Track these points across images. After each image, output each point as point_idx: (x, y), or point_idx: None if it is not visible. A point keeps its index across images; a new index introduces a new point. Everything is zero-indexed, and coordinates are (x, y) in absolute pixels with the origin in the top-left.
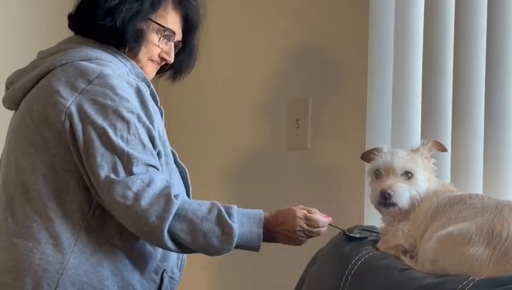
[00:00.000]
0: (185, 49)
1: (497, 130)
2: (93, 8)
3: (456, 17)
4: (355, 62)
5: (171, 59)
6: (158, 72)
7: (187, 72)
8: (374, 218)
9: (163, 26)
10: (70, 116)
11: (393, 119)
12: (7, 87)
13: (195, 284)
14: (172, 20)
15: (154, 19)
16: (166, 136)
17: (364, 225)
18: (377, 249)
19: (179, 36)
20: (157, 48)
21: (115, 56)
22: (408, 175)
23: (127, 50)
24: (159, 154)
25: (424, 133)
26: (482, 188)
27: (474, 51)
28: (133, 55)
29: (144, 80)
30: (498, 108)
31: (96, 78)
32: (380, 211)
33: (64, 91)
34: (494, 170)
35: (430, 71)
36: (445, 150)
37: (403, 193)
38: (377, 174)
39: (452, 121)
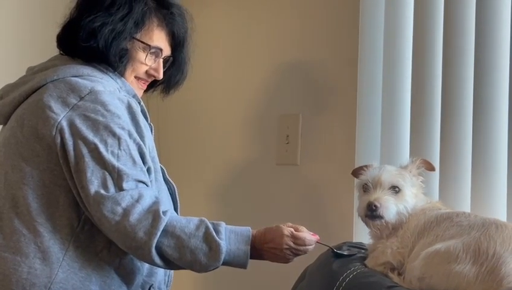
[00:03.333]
0: (175, 64)
1: (485, 148)
2: (77, 30)
3: (444, 39)
4: (345, 79)
5: (159, 75)
6: (150, 88)
7: (178, 86)
8: (362, 234)
9: (148, 45)
10: (61, 131)
11: (382, 136)
12: None
13: None
14: (157, 37)
15: (139, 38)
16: (156, 153)
17: (353, 241)
18: (365, 266)
19: (167, 52)
20: (144, 65)
21: (105, 73)
22: (395, 189)
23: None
24: (148, 171)
25: (412, 151)
26: (470, 206)
27: (462, 70)
28: (120, 72)
29: (135, 96)
30: (486, 127)
31: (87, 94)
32: (366, 224)
33: (56, 106)
34: (482, 188)
35: (419, 90)
36: (433, 169)
37: (390, 206)
38: (365, 188)
39: (441, 139)
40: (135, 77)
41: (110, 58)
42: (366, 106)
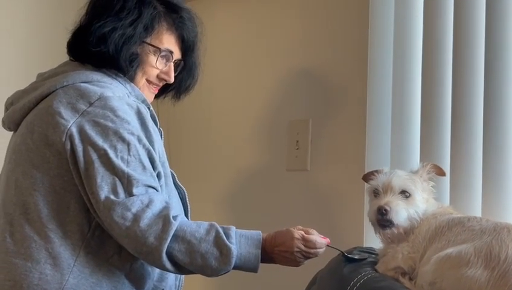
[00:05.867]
0: (185, 68)
1: (496, 152)
2: (87, 36)
3: (454, 42)
4: (355, 84)
5: (170, 79)
6: (161, 94)
7: (188, 91)
8: (373, 239)
9: (158, 48)
10: (71, 137)
11: (392, 142)
12: (6, 108)
13: None
14: (167, 41)
15: (149, 42)
16: (165, 157)
17: (364, 246)
18: (376, 270)
19: (177, 55)
20: (155, 69)
21: (115, 78)
22: (406, 194)
23: (123, 74)
24: (158, 176)
25: (423, 156)
26: (481, 211)
27: (472, 74)
28: (130, 77)
29: (144, 101)
30: (497, 131)
31: (97, 100)
32: (376, 231)
33: (65, 112)
34: (493, 193)
35: (429, 94)
36: (443, 174)
37: (400, 211)
38: (376, 192)
39: (451, 143)
40: (147, 80)
41: (121, 63)
42: (376, 111)
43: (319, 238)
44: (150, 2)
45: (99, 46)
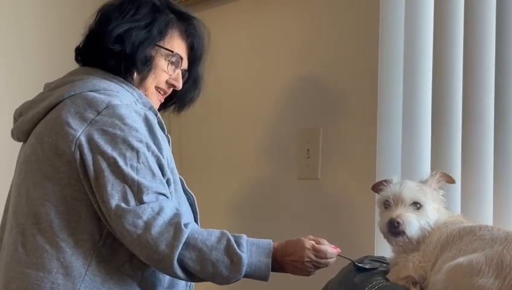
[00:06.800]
0: (190, 79)
1: (508, 160)
2: (103, 35)
3: (464, 50)
4: (366, 92)
5: (179, 85)
6: (162, 107)
7: (192, 102)
8: (384, 248)
9: (171, 51)
10: (80, 147)
11: (403, 149)
12: (15, 119)
13: None
14: (179, 47)
15: (162, 45)
16: (174, 164)
17: (375, 255)
18: (387, 280)
19: (185, 64)
20: (166, 74)
21: (122, 86)
22: (417, 205)
23: (134, 76)
24: (168, 182)
25: (434, 164)
26: (492, 219)
27: (483, 82)
28: (141, 80)
29: (151, 108)
30: (508, 139)
31: (105, 108)
32: (388, 240)
33: (74, 122)
34: (504, 201)
35: (440, 101)
36: (453, 181)
37: (412, 222)
38: (386, 204)
39: (462, 151)
40: (155, 87)
41: (136, 63)
42: (387, 119)
43: (329, 248)
44: (163, 9)
45: (115, 44)
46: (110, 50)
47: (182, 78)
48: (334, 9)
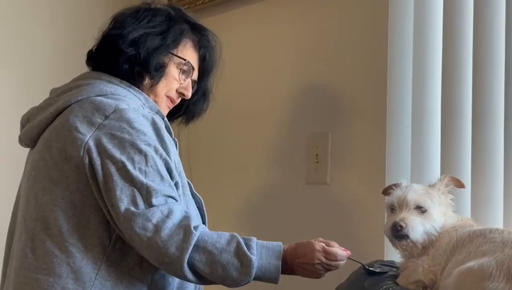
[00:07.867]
0: (199, 91)
1: None
2: (117, 38)
3: (474, 57)
4: (375, 97)
5: (189, 94)
6: (171, 118)
7: (201, 114)
8: (394, 253)
9: (184, 59)
10: (88, 151)
11: (412, 153)
12: (23, 126)
13: None
14: (191, 57)
15: (175, 53)
16: (181, 167)
17: (385, 259)
18: (397, 284)
19: (195, 75)
20: (177, 82)
21: (128, 90)
22: (421, 209)
23: (145, 82)
24: (176, 185)
25: (443, 168)
26: (503, 223)
27: (493, 87)
28: (152, 86)
29: (158, 112)
30: None
31: (112, 112)
32: (393, 244)
33: (82, 127)
34: None
35: (449, 106)
36: (463, 186)
37: (416, 226)
38: (392, 208)
39: (472, 155)
40: (165, 95)
41: (150, 69)
42: (396, 123)
43: (340, 251)
44: (178, 19)
45: (129, 48)
46: (124, 53)
47: (192, 88)
48: (343, 13)
